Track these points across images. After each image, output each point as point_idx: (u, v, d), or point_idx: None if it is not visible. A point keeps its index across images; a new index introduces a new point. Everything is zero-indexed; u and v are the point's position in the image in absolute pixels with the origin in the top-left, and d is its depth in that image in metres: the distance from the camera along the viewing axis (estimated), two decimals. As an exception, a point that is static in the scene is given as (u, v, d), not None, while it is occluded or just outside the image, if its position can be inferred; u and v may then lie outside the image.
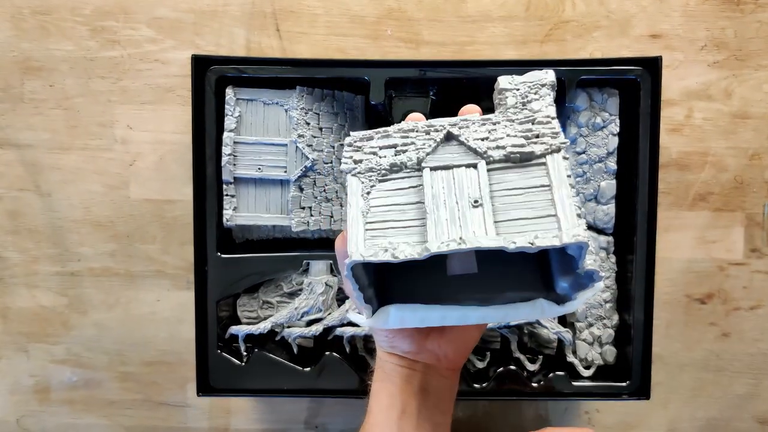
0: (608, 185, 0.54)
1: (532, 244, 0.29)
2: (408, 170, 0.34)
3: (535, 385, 0.55)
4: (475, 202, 0.32)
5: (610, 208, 0.55)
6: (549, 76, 0.36)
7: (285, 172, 0.54)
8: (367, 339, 0.57)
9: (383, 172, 0.34)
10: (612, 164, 0.54)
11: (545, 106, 0.35)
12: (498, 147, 0.33)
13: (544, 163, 0.33)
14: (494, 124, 0.35)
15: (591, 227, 0.55)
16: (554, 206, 0.31)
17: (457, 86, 0.57)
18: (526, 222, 0.31)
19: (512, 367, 0.55)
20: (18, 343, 0.63)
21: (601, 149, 0.54)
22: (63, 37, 0.60)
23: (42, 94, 0.60)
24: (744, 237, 0.61)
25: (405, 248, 0.30)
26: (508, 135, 0.34)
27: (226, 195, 0.54)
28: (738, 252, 0.61)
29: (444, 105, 0.60)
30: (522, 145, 0.33)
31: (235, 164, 0.53)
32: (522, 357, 0.56)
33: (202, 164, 0.53)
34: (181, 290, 0.62)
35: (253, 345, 0.56)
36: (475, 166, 0.33)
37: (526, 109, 0.35)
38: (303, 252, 0.55)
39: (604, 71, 0.52)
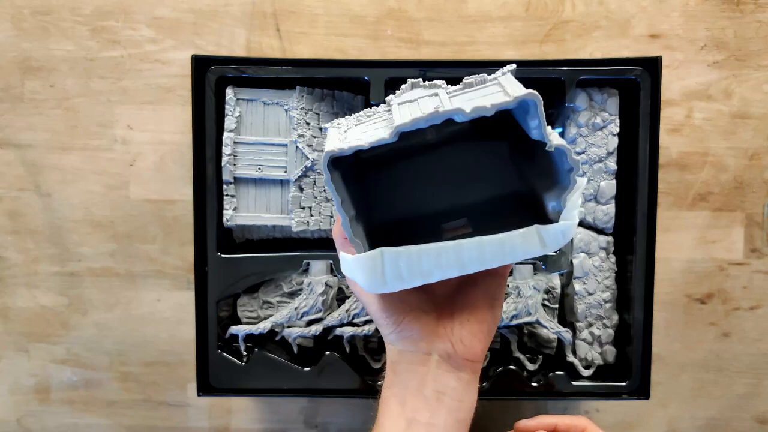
0: (608, 185, 0.54)
1: (486, 105, 0.31)
2: (380, 114, 0.37)
3: (534, 384, 0.55)
4: (436, 107, 0.33)
5: (610, 208, 0.55)
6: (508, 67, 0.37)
7: (285, 172, 0.54)
8: (367, 339, 0.57)
9: (359, 119, 0.37)
10: (612, 164, 0.54)
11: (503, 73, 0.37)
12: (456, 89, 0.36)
13: (498, 83, 0.34)
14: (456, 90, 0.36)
15: (591, 227, 0.55)
16: (503, 89, 0.33)
17: (457, 86, 0.57)
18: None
19: (512, 367, 0.55)
20: (18, 343, 0.63)
21: (600, 149, 0.54)
22: (63, 37, 0.60)
23: (42, 94, 0.60)
24: (744, 237, 0.61)
25: (375, 133, 0.33)
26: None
27: (226, 195, 0.54)
28: (738, 252, 0.61)
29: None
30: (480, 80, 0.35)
31: (235, 164, 0.53)
32: (522, 357, 0.56)
33: (203, 164, 0.53)
34: (181, 290, 0.62)
35: (253, 345, 0.56)
36: (436, 94, 0.35)
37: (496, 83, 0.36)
38: (303, 252, 0.55)
39: (603, 71, 0.52)
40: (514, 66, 0.36)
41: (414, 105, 0.34)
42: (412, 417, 0.37)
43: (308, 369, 0.55)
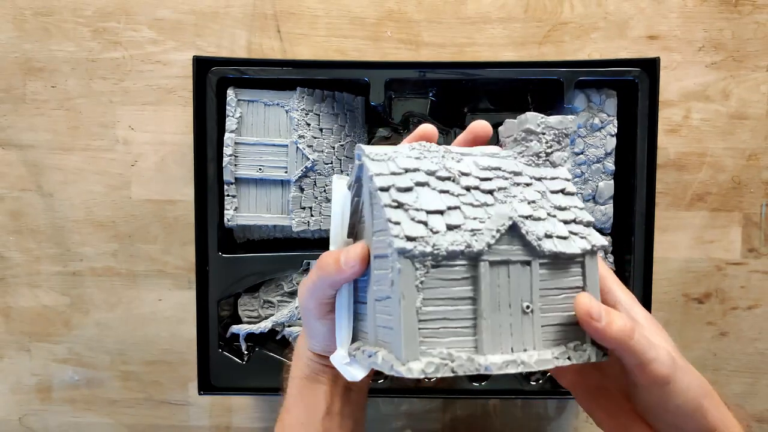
0: (606, 185, 0.55)
1: (569, 359, 0.32)
2: (463, 258, 0.30)
3: (533, 384, 0.55)
4: (527, 307, 0.32)
5: (608, 209, 0.55)
6: (573, 124, 0.37)
7: (286, 172, 0.54)
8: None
9: (439, 258, 0.30)
10: (610, 165, 0.54)
11: (564, 160, 0.36)
12: (546, 235, 0.32)
13: (581, 263, 0.33)
14: (527, 185, 0.34)
15: (589, 227, 0.56)
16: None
17: (457, 87, 0.58)
18: (564, 329, 0.33)
19: (511, 366, 0.55)
20: (20, 343, 0.63)
21: (599, 150, 0.54)
22: (65, 38, 0.60)
23: (44, 94, 0.61)
24: (741, 237, 0.62)
25: (462, 363, 0.30)
26: (549, 214, 0.33)
27: (228, 195, 0.54)
28: (735, 252, 0.62)
29: (443, 106, 0.60)
30: (565, 238, 0.33)
31: (236, 165, 0.54)
32: (521, 356, 0.56)
33: (204, 165, 0.54)
34: (182, 290, 0.62)
35: (254, 344, 0.57)
36: (529, 263, 0.32)
37: (548, 162, 0.36)
38: (303, 252, 0.55)
39: (602, 72, 0.53)
40: (567, 172, 0.36)
41: (505, 273, 0.31)
42: (327, 408, 0.40)
43: (309, 368, 0.55)
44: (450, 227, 0.30)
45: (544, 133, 0.36)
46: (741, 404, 0.64)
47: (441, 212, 0.31)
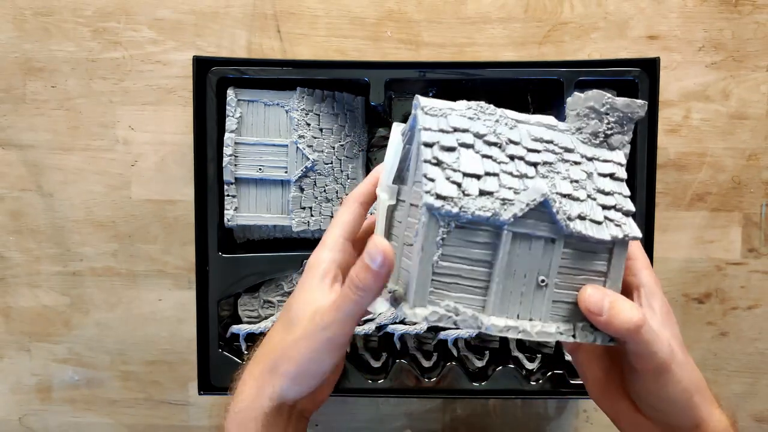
0: (606, 185, 0.55)
1: (574, 337, 0.33)
2: (488, 225, 0.31)
3: (533, 383, 0.55)
4: (542, 281, 0.32)
5: (609, 209, 0.55)
6: (642, 110, 0.36)
7: (286, 172, 0.54)
8: (368, 338, 0.57)
9: (464, 221, 0.31)
10: (610, 165, 0.54)
11: (623, 144, 0.35)
12: (580, 217, 0.32)
13: (610, 249, 0.33)
14: (575, 163, 0.34)
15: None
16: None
17: (457, 87, 0.58)
18: (577, 308, 0.33)
19: (511, 366, 0.55)
20: (20, 343, 0.63)
21: (599, 150, 0.54)
22: (65, 38, 0.60)
23: (44, 94, 0.61)
24: (741, 237, 0.62)
25: (466, 318, 0.31)
26: (589, 196, 0.33)
27: (227, 195, 0.54)
28: (735, 252, 0.62)
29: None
30: (599, 223, 0.33)
31: (236, 165, 0.54)
32: (521, 355, 0.56)
33: (204, 165, 0.54)
34: (182, 290, 0.62)
35: (254, 344, 0.57)
36: (553, 240, 0.32)
37: (606, 143, 0.35)
38: (303, 252, 0.55)
39: (602, 72, 0.53)
40: (624, 158, 0.36)
41: (526, 246, 0.32)
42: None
43: (309, 368, 0.55)
44: (483, 192, 0.31)
45: (607, 113, 0.35)
46: (734, 406, 0.64)
47: (478, 176, 0.31)
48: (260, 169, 0.54)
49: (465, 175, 0.31)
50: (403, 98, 0.60)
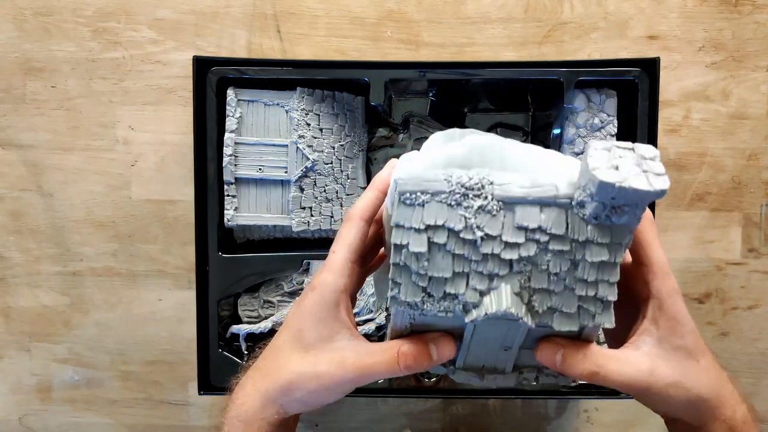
0: (606, 185, 0.55)
1: (537, 381, 0.35)
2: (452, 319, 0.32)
3: (533, 384, 0.55)
4: (507, 348, 0.33)
5: (609, 209, 0.55)
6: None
7: (286, 172, 0.54)
8: (367, 338, 0.57)
9: (426, 317, 0.32)
10: (610, 165, 0.54)
11: (629, 230, 0.31)
12: (550, 309, 0.31)
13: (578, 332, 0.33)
14: (560, 252, 0.31)
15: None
16: None
17: (457, 87, 0.58)
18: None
19: (511, 366, 0.55)
20: (20, 343, 0.63)
21: (599, 150, 0.54)
22: (65, 38, 0.60)
23: (44, 94, 0.61)
24: (741, 237, 0.62)
25: (438, 367, 0.34)
26: (567, 287, 0.31)
27: (227, 195, 0.54)
28: (735, 252, 0.62)
29: (443, 106, 0.60)
30: (571, 314, 0.31)
31: (236, 165, 0.54)
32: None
33: (204, 165, 0.54)
34: (182, 290, 0.62)
35: (254, 344, 0.57)
36: (518, 323, 0.32)
37: (609, 222, 0.30)
38: (303, 252, 0.55)
39: (602, 72, 0.52)
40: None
41: (491, 325, 0.33)
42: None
43: (309, 368, 0.55)
44: (447, 295, 0.31)
45: (614, 198, 0.29)
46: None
47: (445, 279, 0.31)
48: (260, 169, 0.54)
49: (432, 278, 0.31)
50: (403, 98, 0.60)
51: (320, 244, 0.57)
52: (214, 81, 0.53)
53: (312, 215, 0.55)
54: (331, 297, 0.35)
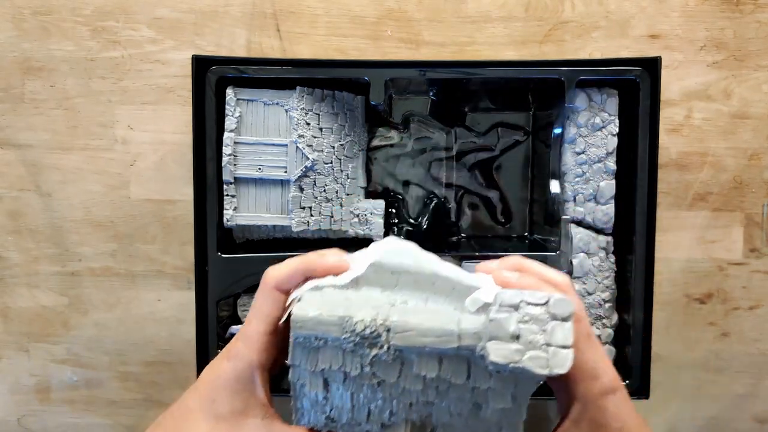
0: (607, 185, 0.54)
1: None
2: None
3: (534, 384, 0.55)
4: None
5: (610, 208, 0.55)
6: (564, 367, 0.28)
7: (285, 172, 0.54)
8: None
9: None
10: (611, 164, 0.54)
11: (539, 381, 0.30)
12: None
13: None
14: (461, 399, 0.30)
15: (590, 227, 0.56)
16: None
17: (457, 86, 0.58)
18: None
19: (512, 367, 0.55)
20: (19, 343, 0.63)
21: (600, 149, 0.54)
22: (63, 37, 0.60)
23: (42, 94, 0.60)
24: (743, 237, 0.61)
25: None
26: (460, 414, 0.31)
27: (227, 195, 0.54)
28: (737, 252, 0.62)
29: (444, 105, 0.60)
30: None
31: (235, 164, 0.53)
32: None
33: (203, 164, 0.53)
34: (181, 290, 0.62)
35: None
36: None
37: (513, 379, 0.30)
38: (303, 252, 0.55)
39: (603, 71, 0.52)
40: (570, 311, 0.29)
41: None
42: None
43: (308, 369, 0.55)
44: (351, 421, 0.32)
45: (518, 337, 0.28)
46: (736, 407, 0.63)
47: (347, 409, 0.32)
48: (260, 168, 0.54)
49: (333, 407, 0.31)
50: (403, 98, 0.60)
51: (320, 244, 0.57)
52: (214, 80, 0.52)
53: (312, 215, 0.55)
54: (245, 372, 0.34)
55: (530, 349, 0.27)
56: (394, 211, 0.61)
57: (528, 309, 0.28)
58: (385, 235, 0.58)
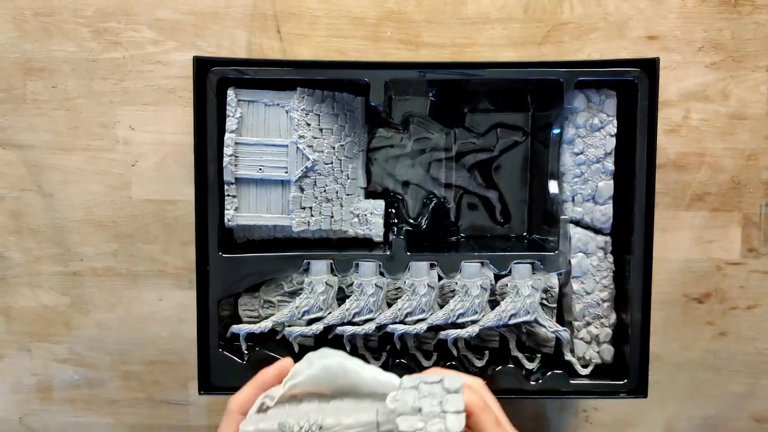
0: (606, 185, 0.55)
1: None
2: None
3: (533, 383, 0.55)
4: None
5: (608, 209, 0.55)
6: (459, 426, 0.33)
7: (286, 172, 0.54)
8: (368, 338, 0.58)
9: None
10: (609, 165, 0.55)
11: None
12: None
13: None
14: None
15: (588, 227, 0.56)
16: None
17: (457, 87, 0.58)
18: None
19: (510, 366, 0.55)
20: (20, 343, 0.64)
21: (598, 150, 0.54)
22: (65, 38, 0.60)
23: (44, 95, 0.61)
24: (741, 237, 0.62)
25: None
26: None
27: (228, 195, 0.54)
28: (735, 252, 0.62)
29: (443, 106, 0.60)
30: None
31: (236, 165, 0.54)
32: (520, 355, 0.56)
33: (204, 165, 0.54)
34: (182, 290, 0.62)
35: (254, 344, 0.57)
36: None
37: None
38: (303, 252, 0.55)
39: (601, 72, 0.52)
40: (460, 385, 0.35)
41: None
42: None
43: (309, 368, 0.55)
44: None
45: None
46: (733, 406, 0.64)
47: None
48: (260, 169, 0.54)
49: None
50: (403, 98, 0.60)
51: (320, 244, 0.57)
52: (215, 81, 0.53)
53: (312, 215, 0.55)
54: None
55: (431, 418, 0.33)
56: (393, 211, 0.61)
57: (426, 388, 0.34)
58: (385, 234, 0.58)
